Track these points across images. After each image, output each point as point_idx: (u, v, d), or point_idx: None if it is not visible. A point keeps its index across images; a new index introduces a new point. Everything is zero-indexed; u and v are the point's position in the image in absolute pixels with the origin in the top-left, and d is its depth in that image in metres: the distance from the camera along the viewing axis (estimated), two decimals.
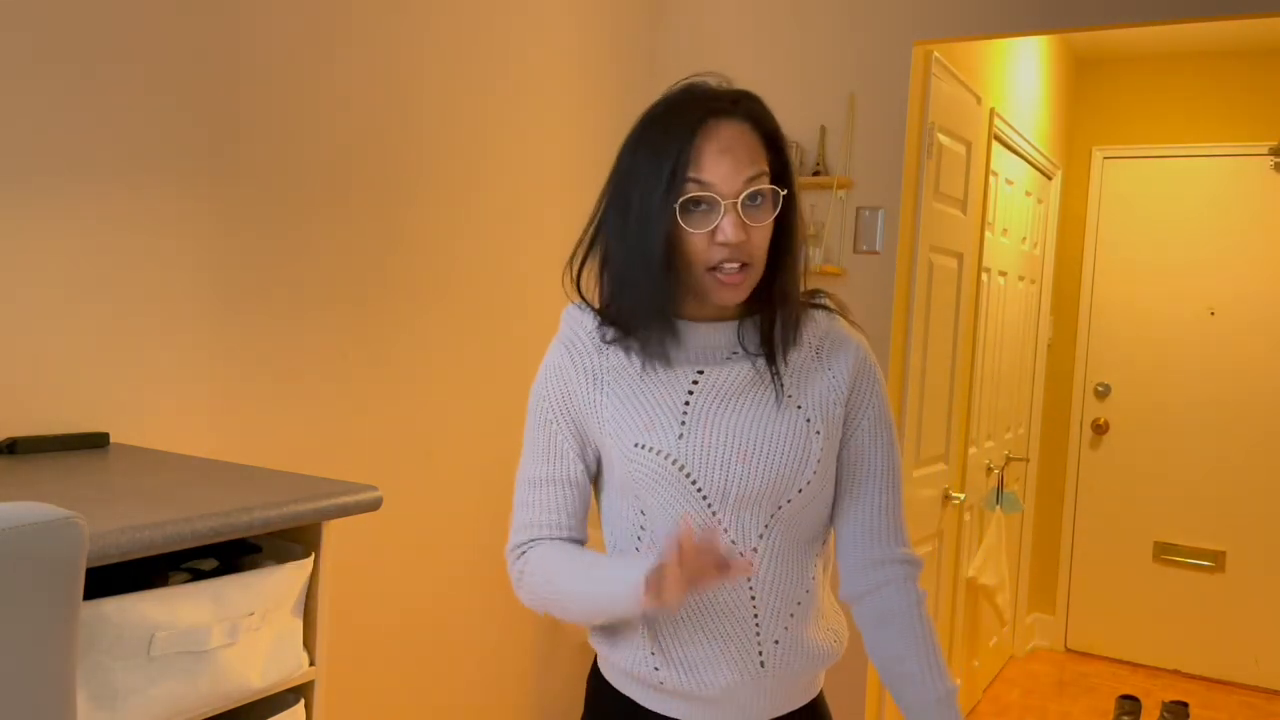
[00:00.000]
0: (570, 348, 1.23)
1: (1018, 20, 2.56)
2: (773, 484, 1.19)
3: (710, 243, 1.13)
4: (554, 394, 1.23)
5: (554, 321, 2.63)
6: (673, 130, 1.13)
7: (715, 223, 1.12)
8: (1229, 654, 4.34)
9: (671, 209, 1.11)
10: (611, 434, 1.19)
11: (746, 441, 1.18)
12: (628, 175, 1.16)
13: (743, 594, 1.19)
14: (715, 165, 1.11)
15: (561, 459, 1.23)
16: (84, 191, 1.63)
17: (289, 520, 1.28)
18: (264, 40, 1.89)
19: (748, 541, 1.19)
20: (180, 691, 1.20)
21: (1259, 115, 4.24)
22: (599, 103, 2.79)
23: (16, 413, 1.55)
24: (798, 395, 1.22)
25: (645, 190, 1.13)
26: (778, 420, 1.20)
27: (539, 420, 1.25)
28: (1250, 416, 4.30)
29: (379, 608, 2.25)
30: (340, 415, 2.11)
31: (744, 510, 1.19)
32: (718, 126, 1.13)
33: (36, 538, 0.87)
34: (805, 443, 1.20)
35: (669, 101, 1.18)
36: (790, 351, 1.22)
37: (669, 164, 1.11)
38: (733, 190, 1.12)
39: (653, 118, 1.17)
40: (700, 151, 1.11)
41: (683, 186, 1.11)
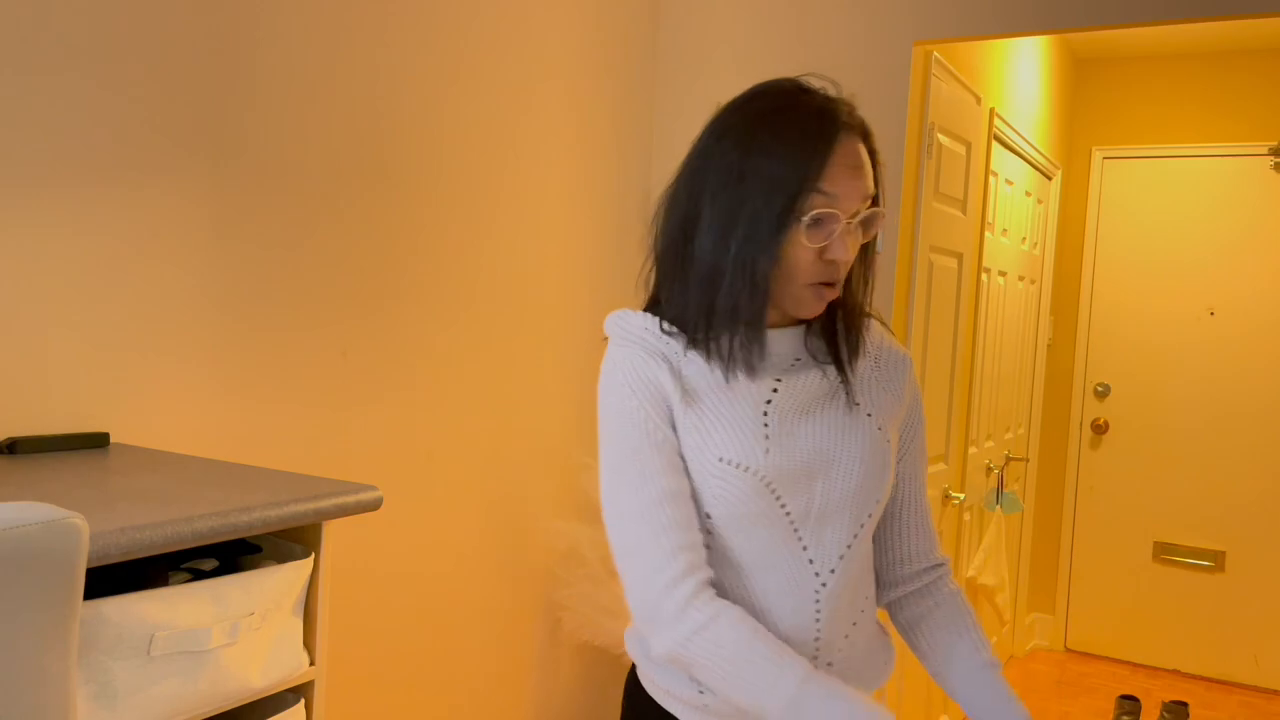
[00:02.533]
0: (650, 353, 1.14)
1: (1018, 20, 2.55)
2: (855, 498, 1.15)
3: (817, 258, 1.09)
4: (651, 401, 1.12)
5: (554, 321, 2.61)
6: (804, 138, 1.06)
7: (829, 239, 1.08)
8: (1229, 654, 4.34)
9: (796, 220, 1.06)
10: (694, 446, 1.11)
11: (829, 455, 1.14)
12: (745, 178, 1.08)
13: (808, 616, 1.14)
14: (845, 181, 1.07)
15: (678, 469, 1.11)
16: (84, 192, 1.63)
17: (289, 520, 1.28)
18: (265, 40, 1.89)
19: (827, 562, 1.14)
20: (180, 691, 1.20)
21: (1259, 115, 4.24)
22: (598, 103, 2.79)
23: (16, 413, 1.55)
24: (866, 404, 1.19)
25: (769, 196, 1.06)
26: (855, 431, 1.16)
27: (641, 432, 1.11)
28: (1250, 416, 4.30)
29: (379, 608, 2.25)
30: (340, 415, 2.11)
31: (825, 528, 1.14)
32: (847, 141, 1.08)
33: (36, 538, 0.87)
34: (883, 453, 1.18)
35: (788, 102, 1.10)
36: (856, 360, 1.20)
37: (798, 173, 1.05)
38: (852, 209, 1.08)
39: (768, 116, 1.09)
40: (832, 165, 1.06)
41: (811, 199, 1.06)
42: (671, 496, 1.09)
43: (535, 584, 2.73)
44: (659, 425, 1.11)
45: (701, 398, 1.12)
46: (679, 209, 1.14)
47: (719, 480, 1.10)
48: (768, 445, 1.11)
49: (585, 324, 2.81)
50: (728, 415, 1.11)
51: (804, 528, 1.13)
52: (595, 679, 2.99)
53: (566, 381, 2.76)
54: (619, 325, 1.18)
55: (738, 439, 1.10)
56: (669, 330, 1.15)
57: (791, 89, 1.12)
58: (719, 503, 1.10)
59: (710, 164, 1.11)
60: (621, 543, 1.10)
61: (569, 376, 2.77)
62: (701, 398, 1.12)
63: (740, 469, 1.10)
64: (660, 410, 1.11)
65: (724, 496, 1.10)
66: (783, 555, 1.13)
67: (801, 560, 1.13)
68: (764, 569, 1.13)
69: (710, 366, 1.13)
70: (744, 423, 1.11)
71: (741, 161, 1.08)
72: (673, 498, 1.09)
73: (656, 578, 1.07)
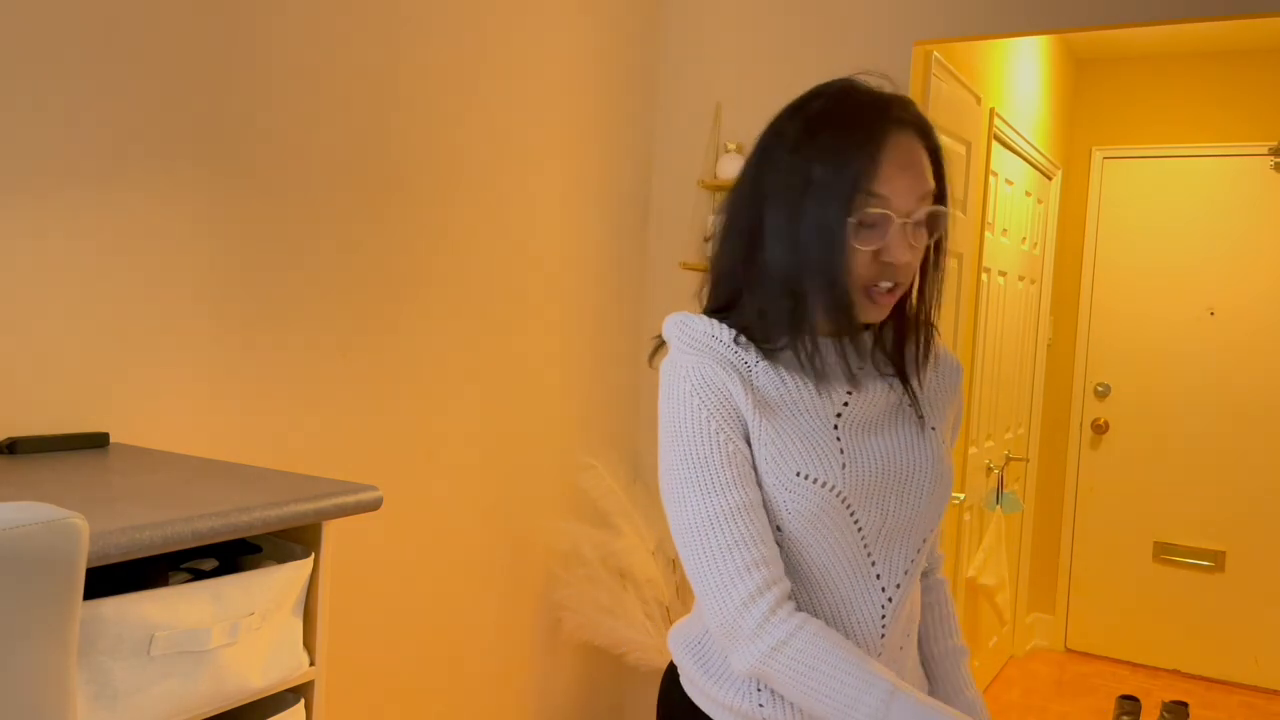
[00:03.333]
0: (720, 361, 1.09)
1: (1018, 20, 2.55)
2: (924, 515, 1.14)
3: (871, 261, 1.06)
4: (721, 411, 1.07)
5: (554, 321, 2.61)
6: (853, 137, 1.04)
7: (883, 240, 1.05)
8: (1229, 654, 4.34)
9: (846, 222, 1.03)
10: (769, 459, 1.07)
11: (900, 470, 1.12)
12: (793, 179, 1.06)
13: (874, 631, 1.13)
14: (896, 180, 1.04)
15: (750, 481, 1.07)
16: (84, 192, 1.63)
17: (289, 520, 1.28)
18: (266, 39, 1.89)
19: (893, 577, 1.13)
20: (180, 691, 1.20)
21: (1259, 115, 4.24)
22: (600, 103, 2.78)
23: (16, 413, 1.55)
24: (930, 418, 1.17)
25: (822, 198, 1.04)
26: (924, 448, 1.15)
27: (712, 443, 1.07)
28: (1250, 416, 4.30)
29: (379, 608, 2.25)
30: (340, 415, 2.11)
31: (893, 545, 1.13)
32: (899, 138, 1.05)
33: (36, 538, 0.87)
34: (950, 470, 1.17)
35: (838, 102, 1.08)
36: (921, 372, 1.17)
37: (849, 174, 1.03)
38: (906, 209, 1.05)
39: (819, 119, 1.07)
40: (882, 164, 1.03)
41: (862, 199, 1.03)
42: (745, 509, 1.06)
43: (535, 584, 2.73)
44: (730, 436, 1.07)
45: (775, 410, 1.09)
46: (742, 218, 1.12)
47: (796, 495, 1.07)
48: (844, 460, 1.09)
49: (586, 324, 2.81)
50: (802, 428, 1.09)
51: (874, 544, 1.11)
52: (595, 679, 2.99)
53: (567, 382, 2.76)
54: (683, 330, 1.13)
55: (814, 453, 1.08)
56: (740, 340, 1.11)
57: (842, 89, 1.10)
58: (793, 517, 1.08)
59: (768, 171, 1.09)
60: (693, 557, 1.07)
61: (569, 377, 2.77)
62: (775, 410, 1.09)
63: (818, 484, 1.07)
64: (731, 421, 1.08)
65: (799, 511, 1.08)
66: (852, 571, 1.11)
67: (869, 576, 1.12)
68: (832, 583, 1.11)
69: (782, 378, 1.10)
70: (818, 436, 1.09)
71: (798, 167, 1.06)
72: (746, 510, 1.06)
73: (732, 594, 1.04)
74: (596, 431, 2.89)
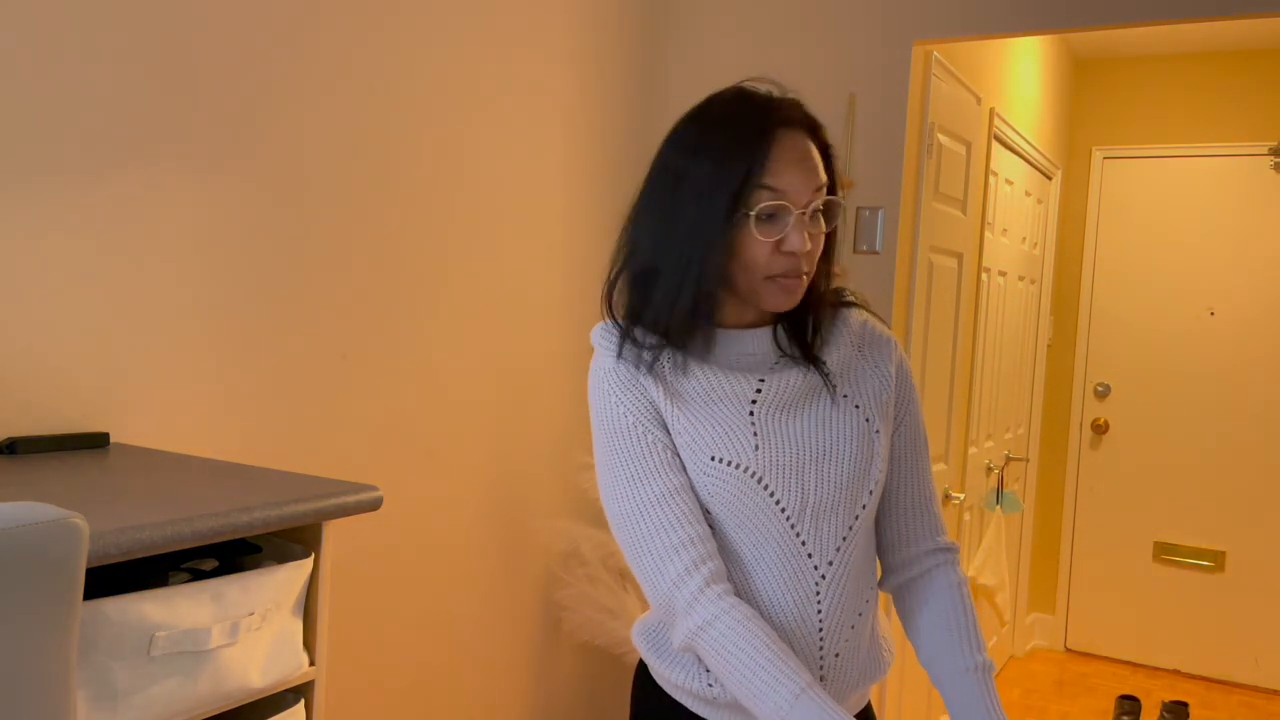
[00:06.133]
0: (632, 360, 1.17)
1: (1018, 20, 2.55)
2: (847, 489, 1.18)
3: (773, 252, 1.11)
4: (636, 404, 1.16)
5: (552, 320, 2.61)
6: (742, 136, 1.10)
7: (783, 232, 1.11)
8: (1229, 654, 4.34)
9: (744, 216, 1.09)
10: (685, 446, 1.15)
11: (816, 448, 1.17)
12: (684, 180, 1.12)
13: (809, 608, 1.17)
14: (789, 175, 1.10)
15: (672, 468, 1.14)
16: (84, 192, 1.63)
17: (289, 520, 1.28)
18: (267, 39, 1.89)
19: (824, 554, 1.17)
20: (180, 691, 1.20)
21: (1259, 115, 4.24)
22: (600, 105, 2.79)
23: (16, 413, 1.55)
24: (854, 395, 1.21)
25: (709, 196, 1.10)
26: (841, 423, 1.19)
27: (632, 435, 1.15)
28: (1250, 417, 4.30)
29: (379, 608, 2.25)
30: (340, 415, 2.11)
31: (821, 521, 1.17)
32: (788, 136, 1.12)
33: (36, 538, 0.87)
34: (870, 443, 1.20)
35: (727, 105, 1.15)
36: (829, 352, 1.21)
37: (740, 170, 1.09)
38: (802, 201, 1.11)
39: (711, 121, 1.14)
40: (774, 160, 1.10)
41: (756, 194, 1.09)
42: (669, 494, 1.13)
43: (535, 584, 2.73)
44: (649, 427, 1.15)
45: (688, 400, 1.15)
46: (635, 219, 1.18)
47: (712, 479, 1.14)
48: (756, 442, 1.14)
49: (585, 325, 2.81)
50: (715, 415, 1.15)
51: (799, 521, 1.16)
52: (595, 679, 2.99)
53: (566, 382, 2.76)
54: (604, 336, 1.21)
55: (727, 437, 1.14)
56: (645, 337, 1.17)
57: (733, 94, 1.17)
58: (714, 500, 1.14)
59: (663, 172, 1.15)
60: (628, 544, 1.15)
61: (569, 377, 2.77)
62: (688, 400, 1.15)
63: (731, 466, 1.13)
64: (648, 413, 1.15)
65: (718, 494, 1.14)
66: (780, 549, 1.15)
67: (800, 554, 1.16)
68: (763, 562, 1.16)
69: (695, 369, 1.16)
70: (731, 421, 1.15)
71: (682, 165, 1.12)
72: (671, 495, 1.13)
73: (664, 574, 1.12)
74: None
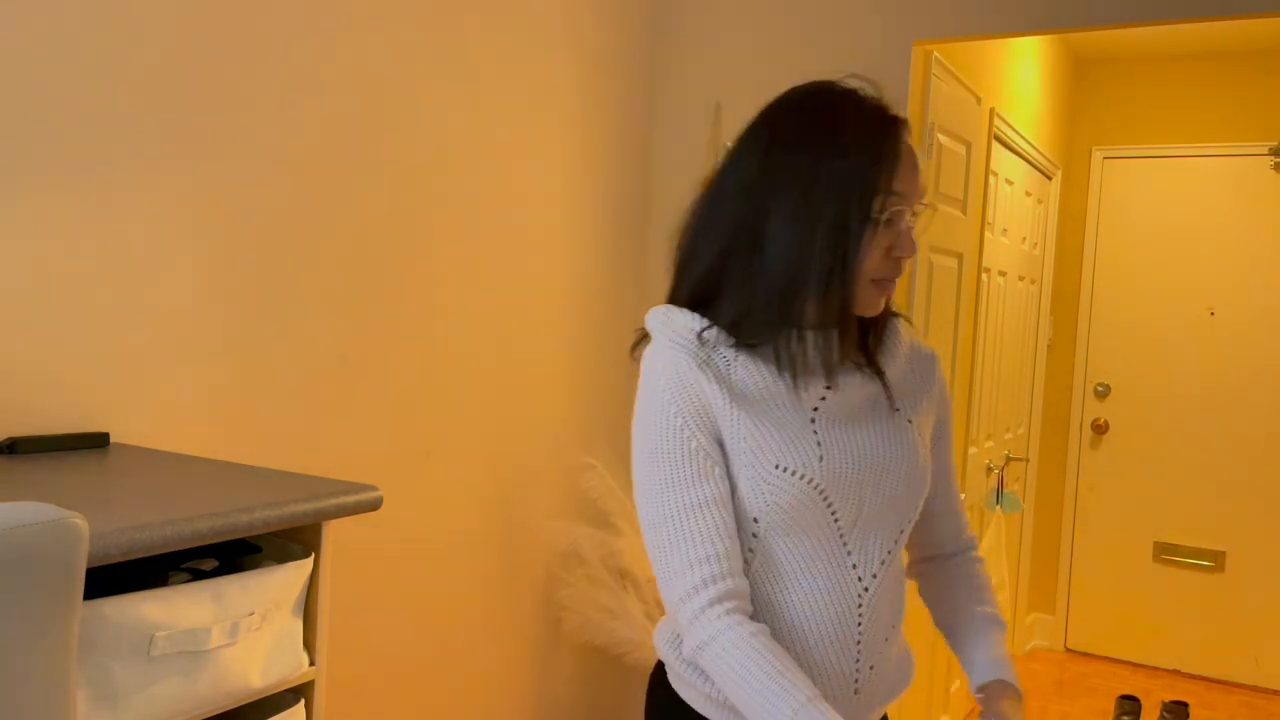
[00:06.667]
0: (695, 356, 1.10)
1: (1018, 20, 2.55)
2: (899, 506, 1.16)
3: (885, 255, 1.09)
4: (690, 405, 1.09)
5: (553, 321, 2.61)
6: (873, 137, 1.07)
7: (897, 236, 1.08)
8: (1229, 654, 4.34)
9: (875, 219, 1.06)
10: (747, 452, 1.09)
11: (875, 461, 1.14)
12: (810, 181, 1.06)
13: (850, 622, 1.14)
14: (909, 179, 1.08)
15: (710, 478, 1.09)
16: (83, 191, 1.63)
17: (289, 520, 1.28)
18: (268, 38, 1.89)
19: (869, 568, 1.15)
20: (180, 691, 1.20)
21: (1259, 115, 4.24)
22: (598, 104, 2.78)
23: (16, 413, 1.55)
24: (906, 409, 1.19)
25: (848, 196, 1.05)
26: (897, 438, 1.16)
27: (677, 438, 1.09)
28: (1250, 416, 4.30)
29: (379, 608, 2.25)
30: (340, 415, 2.11)
31: (869, 535, 1.14)
32: (906, 138, 1.09)
33: (36, 538, 0.87)
34: (924, 459, 1.18)
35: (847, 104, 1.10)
36: (888, 363, 1.19)
37: (874, 173, 1.05)
38: (913, 205, 1.10)
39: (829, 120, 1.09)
40: (900, 163, 1.07)
41: (884, 199, 1.06)
42: (700, 505, 1.08)
43: (535, 584, 2.73)
44: (694, 433, 1.09)
45: (753, 404, 1.10)
46: (733, 216, 1.11)
47: (774, 487, 1.09)
48: (820, 452, 1.10)
49: (586, 324, 2.81)
50: (779, 422, 1.10)
51: (850, 535, 1.13)
52: (595, 679, 2.99)
53: (566, 382, 2.76)
54: (665, 324, 1.13)
55: (792, 446, 1.09)
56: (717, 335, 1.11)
57: (842, 91, 1.12)
58: (771, 509, 1.09)
59: (773, 170, 1.09)
60: (651, 547, 1.11)
61: (569, 377, 2.77)
62: (753, 404, 1.10)
63: (796, 476, 1.09)
64: (698, 418, 1.09)
65: (777, 503, 1.09)
66: (828, 562, 1.13)
67: (845, 566, 1.13)
68: (808, 575, 1.12)
69: (760, 373, 1.10)
70: (795, 430, 1.10)
71: (813, 165, 1.06)
72: (701, 506, 1.08)
73: (676, 585, 1.08)
74: (596, 431, 2.89)
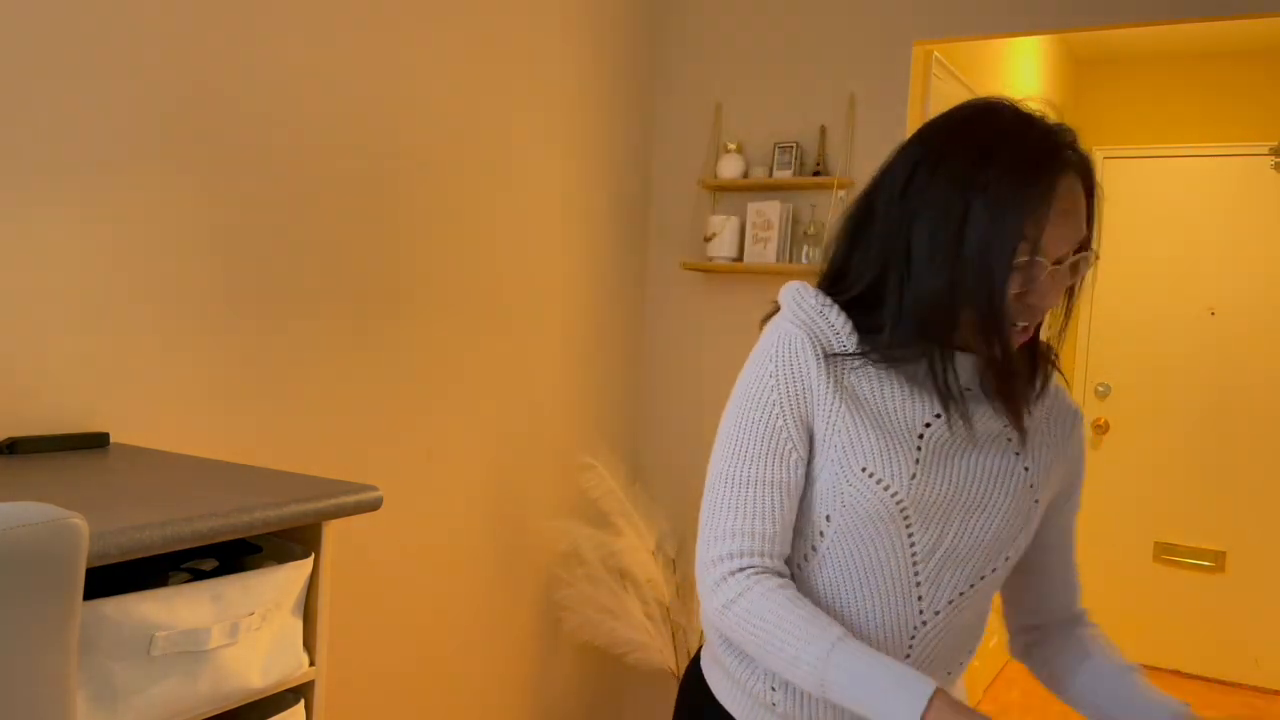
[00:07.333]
0: (815, 341, 1.06)
1: (1018, 20, 2.55)
2: (985, 549, 1.09)
3: (1017, 300, 1.01)
4: (791, 386, 1.06)
5: (554, 321, 2.60)
6: (1028, 180, 0.98)
7: (1033, 285, 1.01)
8: (1229, 654, 4.34)
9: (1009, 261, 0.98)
10: (839, 447, 1.05)
11: (972, 497, 1.07)
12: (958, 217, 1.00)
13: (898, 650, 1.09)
14: (1057, 229, 0.99)
15: (784, 461, 1.06)
16: (84, 193, 1.63)
17: (289, 520, 1.28)
18: (268, 38, 1.89)
19: (935, 604, 1.09)
20: (180, 691, 1.20)
21: (1259, 115, 4.24)
22: (597, 104, 2.78)
23: (16, 413, 1.55)
24: (1026, 456, 1.12)
25: (985, 235, 0.99)
26: (1005, 480, 1.09)
27: (765, 413, 1.06)
28: (1250, 416, 4.30)
29: (379, 608, 2.25)
30: (340, 415, 2.11)
31: (946, 570, 1.08)
32: (1067, 183, 1.00)
33: (36, 538, 0.87)
34: (1028, 510, 1.11)
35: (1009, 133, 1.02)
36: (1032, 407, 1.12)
37: (1019, 219, 0.98)
38: (1059, 254, 1.01)
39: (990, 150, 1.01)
40: (1051, 214, 0.99)
41: (1024, 246, 0.99)
42: (766, 484, 1.06)
43: (535, 584, 2.73)
44: (786, 414, 1.06)
45: (860, 402, 1.06)
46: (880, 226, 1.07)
47: (855, 489, 1.05)
48: (915, 470, 1.05)
49: (586, 324, 2.81)
50: (882, 427, 1.06)
51: (924, 564, 1.08)
52: (595, 679, 2.99)
53: (567, 382, 2.76)
54: (798, 300, 1.10)
55: (885, 454, 1.05)
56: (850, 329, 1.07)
57: (1011, 116, 1.04)
58: (846, 510, 1.06)
59: (926, 195, 1.03)
60: (706, 503, 1.10)
61: (569, 377, 2.77)
62: (860, 402, 1.06)
63: (880, 485, 1.04)
64: (793, 402, 1.06)
65: (854, 506, 1.05)
66: (891, 584, 1.08)
67: (910, 595, 1.08)
68: (868, 590, 1.08)
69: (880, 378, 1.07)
70: (897, 440, 1.05)
71: (962, 198, 1.00)
72: (766, 485, 1.06)
73: (710, 549, 1.07)
74: (596, 431, 2.89)
